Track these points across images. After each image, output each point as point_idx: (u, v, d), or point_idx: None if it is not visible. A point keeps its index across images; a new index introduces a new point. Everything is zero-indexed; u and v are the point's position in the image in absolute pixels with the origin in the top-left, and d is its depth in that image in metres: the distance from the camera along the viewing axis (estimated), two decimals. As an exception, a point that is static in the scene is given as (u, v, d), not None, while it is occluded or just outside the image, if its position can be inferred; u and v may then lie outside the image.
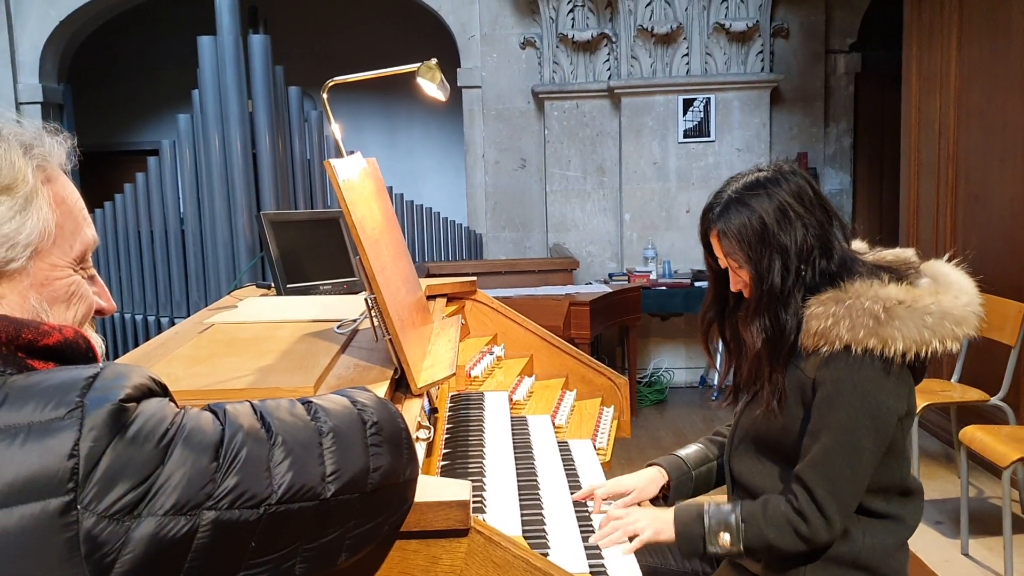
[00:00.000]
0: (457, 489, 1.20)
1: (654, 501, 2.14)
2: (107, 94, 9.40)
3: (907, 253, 1.95)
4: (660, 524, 1.89)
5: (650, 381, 6.95)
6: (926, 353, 1.76)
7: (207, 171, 6.53)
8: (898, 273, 1.86)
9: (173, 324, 5.27)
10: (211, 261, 6.64)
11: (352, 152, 1.90)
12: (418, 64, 1.96)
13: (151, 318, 6.88)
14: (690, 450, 2.19)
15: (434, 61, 1.99)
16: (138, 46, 9.28)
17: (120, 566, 0.83)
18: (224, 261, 6.57)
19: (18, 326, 0.94)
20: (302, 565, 0.99)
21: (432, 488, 1.20)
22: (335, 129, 1.95)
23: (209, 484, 0.89)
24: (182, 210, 6.80)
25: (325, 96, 1.96)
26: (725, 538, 1.83)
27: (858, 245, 2.00)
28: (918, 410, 4.02)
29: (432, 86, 2.03)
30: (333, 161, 1.68)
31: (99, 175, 9.24)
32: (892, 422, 1.80)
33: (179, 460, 0.88)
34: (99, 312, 1.12)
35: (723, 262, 1.94)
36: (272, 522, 0.94)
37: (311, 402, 1.07)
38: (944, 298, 1.79)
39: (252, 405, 1.02)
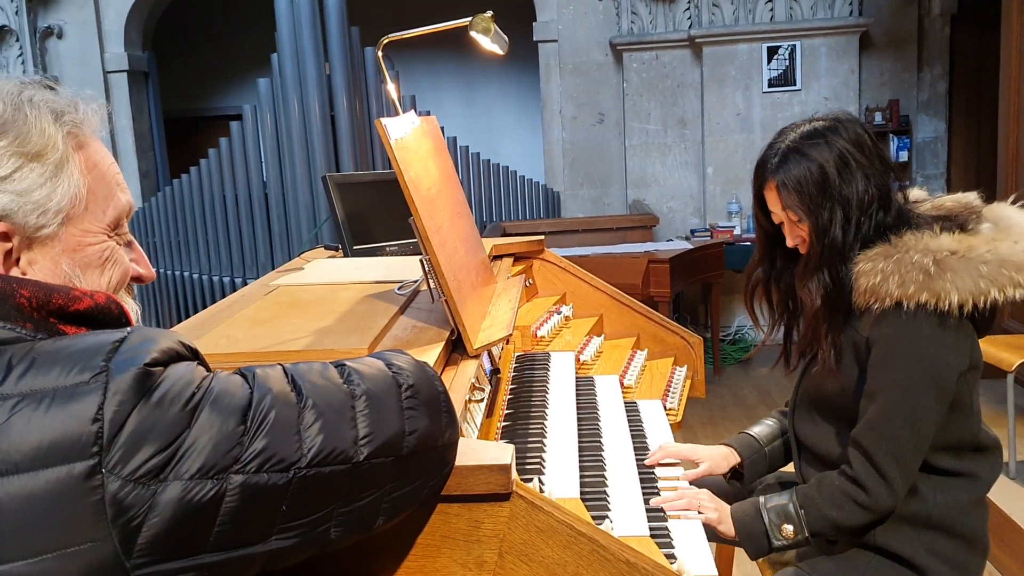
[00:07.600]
0: (498, 452, 1.18)
1: (731, 478, 2.11)
2: (190, 61, 9.57)
3: (969, 197, 1.84)
4: (723, 514, 1.85)
5: (734, 339, 6.82)
6: (985, 303, 1.66)
7: (287, 134, 6.60)
8: (958, 221, 1.77)
9: (256, 286, 5.37)
10: (293, 223, 6.74)
11: (426, 112, 1.87)
12: (470, 18, 1.91)
13: (238, 280, 7.04)
14: (761, 427, 2.15)
15: (489, 13, 1.93)
16: (219, 11, 9.42)
17: (148, 529, 0.84)
18: (306, 223, 6.67)
19: (48, 291, 0.95)
20: (337, 529, 0.99)
21: (473, 451, 1.18)
22: (390, 88, 1.93)
23: (236, 447, 0.89)
24: (265, 173, 6.91)
25: (380, 53, 1.93)
26: (788, 529, 1.79)
27: (917, 193, 1.90)
28: (1013, 367, 3.84)
29: (487, 39, 1.97)
30: (384, 120, 1.66)
31: (185, 140, 9.48)
32: (952, 378, 1.71)
33: (206, 423, 0.88)
34: (137, 279, 1.12)
35: (779, 217, 1.88)
36: (302, 486, 0.93)
37: (345, 365, 1.05)
38: (1002, 244, 1.68)
39: (284, 368, 1.01)
